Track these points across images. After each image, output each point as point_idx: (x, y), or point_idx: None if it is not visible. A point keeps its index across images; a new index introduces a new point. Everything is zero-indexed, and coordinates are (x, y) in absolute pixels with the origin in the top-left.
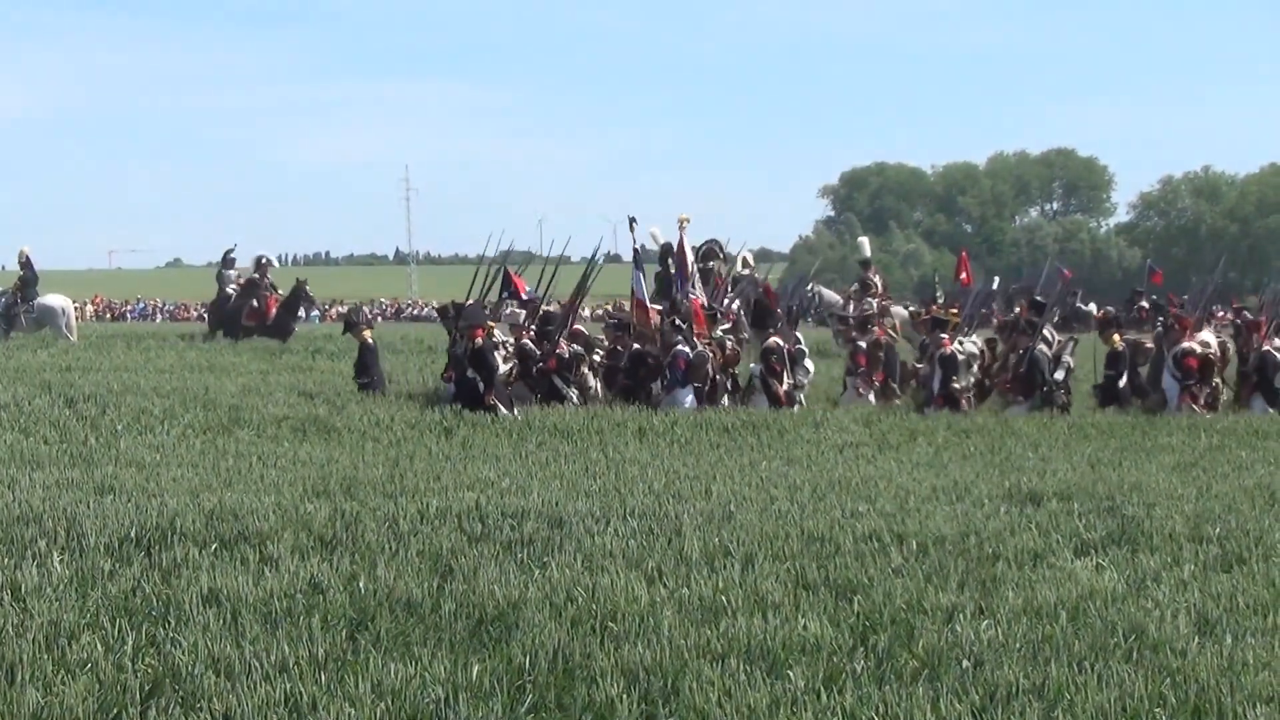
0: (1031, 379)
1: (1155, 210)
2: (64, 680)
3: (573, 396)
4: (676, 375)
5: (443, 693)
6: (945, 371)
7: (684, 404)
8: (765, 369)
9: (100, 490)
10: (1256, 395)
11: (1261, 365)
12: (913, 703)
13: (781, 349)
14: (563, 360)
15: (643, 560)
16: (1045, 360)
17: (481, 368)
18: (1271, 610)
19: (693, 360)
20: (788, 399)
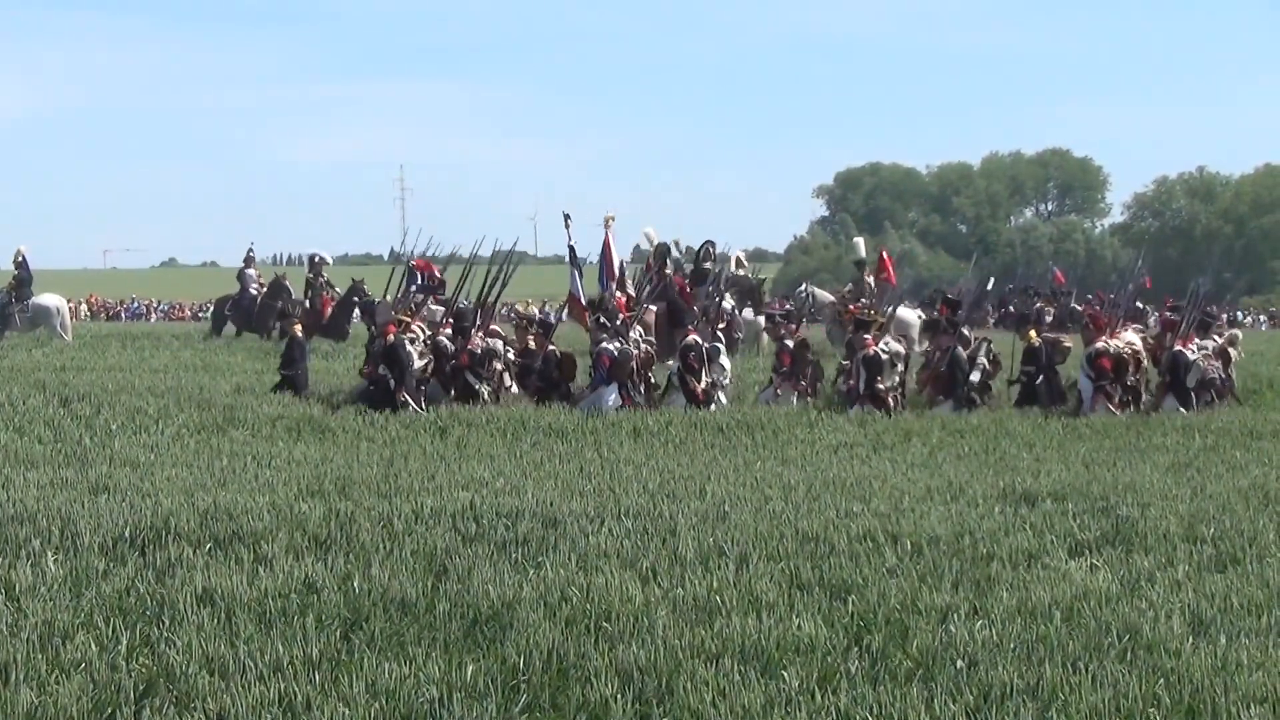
0: (953, 378)
1: (1150, 211)
2: (58, 680)
3: (485, 393)
4: (601, 373)
5: (437, 692)
6: (869, 372)
7: (607, 402)
8: (683, 366)
9: (95, 490)
10: (1168, 394)
11: (1173, 365)
12: (907, 703)
13: (700, 346)
14: (475, 356)
15: (637, 560)
16: (964, 360)
17: (393, 364)
18: (1265, 610)
19: (617, 358)
20: (705, 397)
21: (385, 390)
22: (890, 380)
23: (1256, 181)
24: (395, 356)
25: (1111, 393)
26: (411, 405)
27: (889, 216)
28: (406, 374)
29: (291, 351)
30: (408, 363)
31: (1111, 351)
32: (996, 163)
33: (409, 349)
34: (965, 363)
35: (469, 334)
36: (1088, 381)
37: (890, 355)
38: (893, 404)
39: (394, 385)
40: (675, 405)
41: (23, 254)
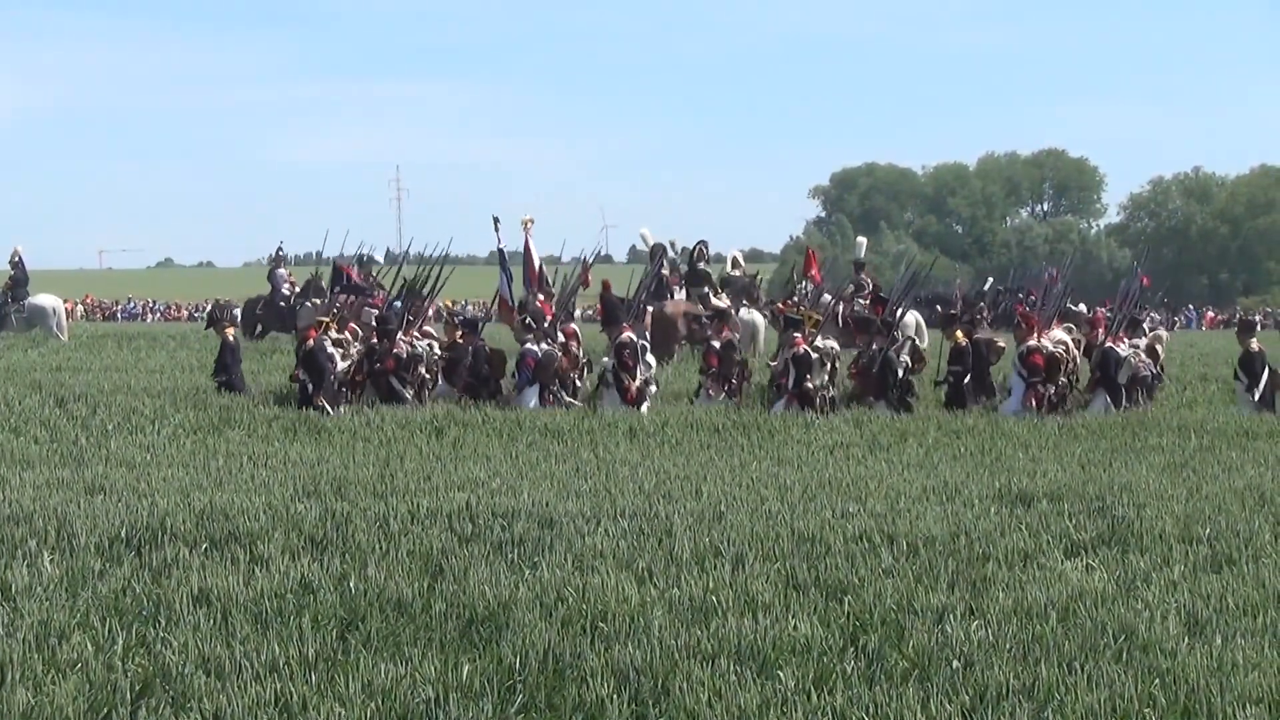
0: (884, 379)
1: (1145, 211)
2: (54, 680)
3: (408, 396)
4: (525, 374)
5: (433, 693)
6: (799, 370)
7: (529, 403)
8: (618, 364)
9: (91, 490)
10: (1099, 392)
11: (1103, 362)
12: (903, 703)
13: (634, 344)
14: (400, 360)
15: (633, 560)
16: (897, 362)
17: (312, 369)
18: (1261, 611)
19: (541, 360)
20: (638, 395)
21: (304, 393)
22: (819, 379)
23: (1252, 182)
24: (313, 360)
25: (1043, 392)
26: (327, 409)
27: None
28: (325, 377)
29: (224, 356)
30: (326, 366)
31: (1044, 350)
32: (992, 163)
33: (330, 352)
34: (897, 364)
35: (394, 337)
36: (1019, 380)
37: (820, 354)
38: (820, 403)
39: (311, 389)
40: (607, 404)
41: (19, 254)
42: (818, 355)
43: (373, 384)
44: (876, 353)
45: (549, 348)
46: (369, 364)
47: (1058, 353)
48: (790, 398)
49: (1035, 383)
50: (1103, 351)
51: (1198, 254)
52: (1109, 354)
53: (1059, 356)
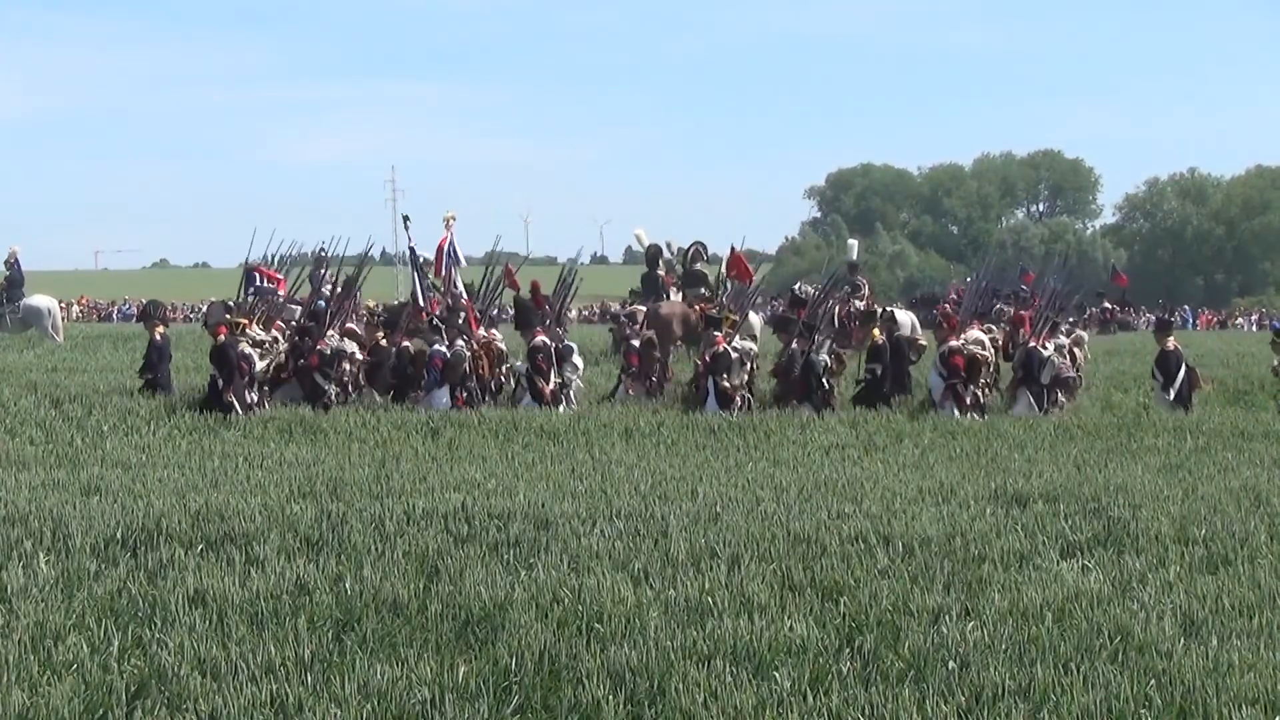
0: (807, 381)
1: (1141, 212)
2: (50, 681)
3: (331, 394)
4: (434, 375)
5: (429, 694)
6: (716, 368)
7: (440, 403)
8: (531, 367)
9: (86, 491)
10: (1022, 391)
11: (1026, 362)
12: (899, 704)
13: (548, 347)
14: (324, 358)
15: (629, 561)
16: (819, 363)
17: (222, 366)
18: (1257, 612)
19: (449, 360)
20: (553, 397)
21: (214, 390)
22: (738, 378)
23: (1247, 183)
24: (224, 358)
25: (962, 392)
26: (238, 407)
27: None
28: (235, 375)
29: (150, 355)
30: (236, 364)
31: (965, 351)
32: (988, 164)
33: (246, 350)
34: (820, 365)
35: (319, 335)
36: (939, 379)
37: (740, 354)
38: (740, 403)
39: (221, 386)
40: (526, 406)
41: (14, 255)
42: (737, 355)
43: (298, 380)
44: (798, 354)
45: (458, 348)
46: (293, 361)
47: (979, 354)
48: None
49: (954, 383)
50: (1026, 351)
51: (1193, 255)
52: (1032, 354)
53: (980, 357)
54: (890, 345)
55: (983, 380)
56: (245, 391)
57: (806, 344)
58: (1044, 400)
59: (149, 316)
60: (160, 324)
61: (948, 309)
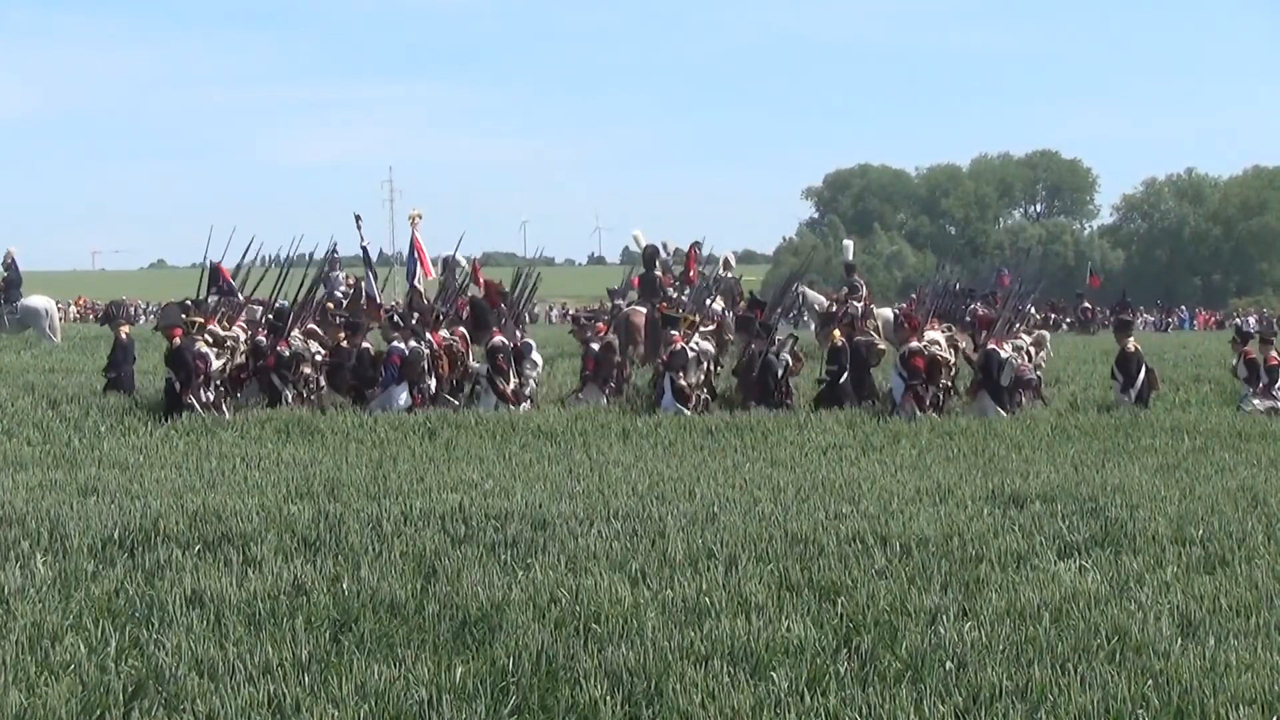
0: (764, 381)
1: (1138, 212)
2: (47, 682)
3: (288, 395)
4: (391, 372)
5: (426, 694)
6: (671, 366)
7: (398, 402)
8: (491, 367)
9: (83, 491)
10: (982, 394)
11: (985, 364)
12: (896, 704)
13: (507, 347)
14: (282, 359)
15: (626, 562)
16: (776, 362)
17: (178, 367)
18: (1254, 612)
19: (407, 358)
20: (515, 397)
21: (171, 392)
22: (694, 377)
23: (1245, 184)
24: (180, 359)
25: (923, 394)
26: (197, 408)
27: (878, 218)
28: (193, 376)
29: (115, 353)
30: (193, 365)
31: (926, 352)
32: (985, 164)
33: (202, 350)
34: (777, 365)
35: (280, 335)
36: (900, 381)
37: (697, 353)
38: (696, 401)
39: (179, 388)
40: (486, 407)
41: (12, 255)
42: (694, 354)
43: (257, 381)
44: (755, 355)
45: (416, 345)
46: (253, 362)
47: (939, 355)
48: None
49: (915, 385)
50: (985, 354)
51: (1190, 255)
52: (991, 356)
53: (940, 359)
54: (851, 347)
55: (943, 381)
56: (202, 391)
57: (764, 344)
58: (1005, 401)
59: (113, 317)
60: (125, 324)
61: (909, 309)
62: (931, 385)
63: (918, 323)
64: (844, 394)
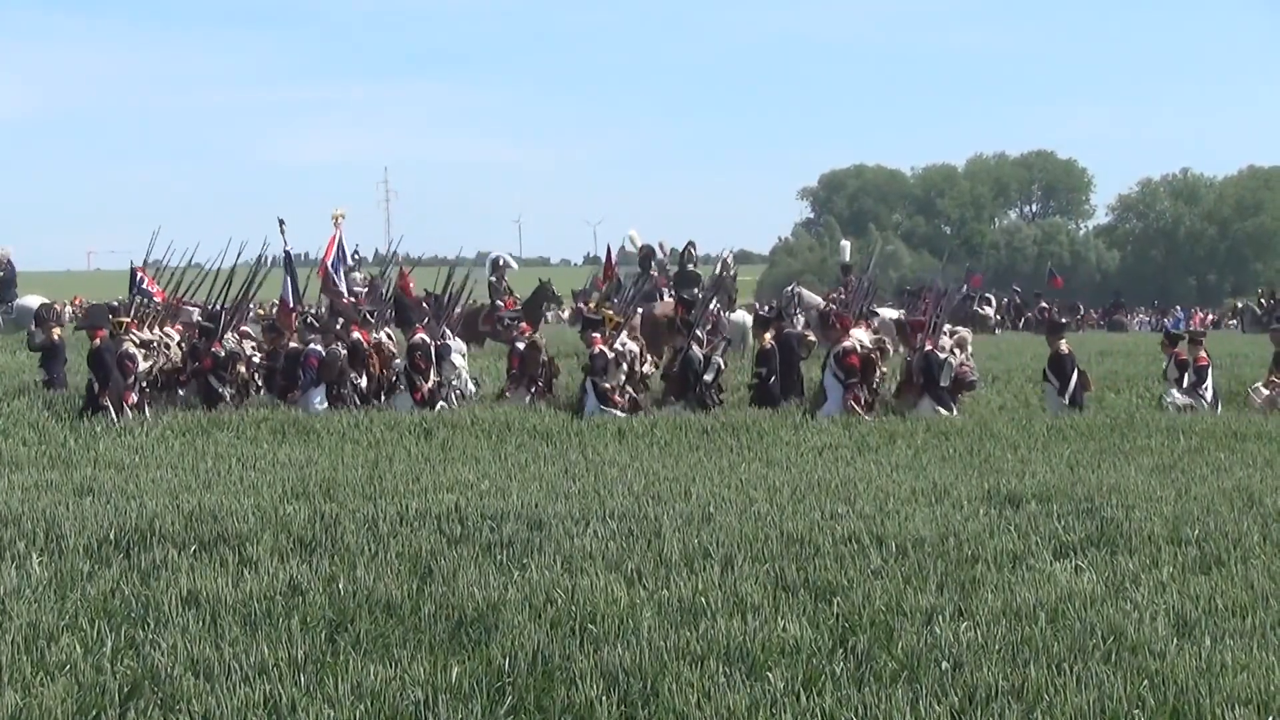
0: (684, 379)
1: (1134, 212)
2: (43, 682)
3: (227, 396)
4: (309, 375)
5: (422, 694)
6: (593, 369)
7: (315, 403)
8: (409, 365)
9: (79, 492)
10: (924, 396)
11: (926, 366)
12: (892, 704)
13: (427, 345)
14: (218, 360)
15: (622, 562)
16: (698, 361)
17: (98, 368)
18: (1250, 612)
19: (325, 359)
20: (430, 396)
21: (90, 394)
22: (615, 379)
23: (1240, 184)
24: (100, 361)
25: (859, 393)
26: (112, 411)
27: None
28: (111, 377)
29: (46, 356)
30: (112, 366)
31: (859, 351)
32: (981, 164)
33: (130, 350)
34: (699, 363)
35: (215, 337)
36: (835, 380)
37: (617, 354)
38: (620, 401)
39: (97, 389)
40: (399, 405)
41: (7, 256)
42: (614, 355)
43: (194, 383)
44: (677, 352)
45: (333, 347)
46: (190, 364)
47: (872, 354)
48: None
49: (851, 384)
50: (924, 356)
51: (1186, 255)
52: (930, 357)
53: (873, 358)
54: (780, 347)
55: (877, 380)
56: (130, 392)
57: (685, 342)
58: (946, 402)
59: (43, 320)
60: (56, 325)
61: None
62: (865, 385)
63: (849, 322)
64: (774, 395)
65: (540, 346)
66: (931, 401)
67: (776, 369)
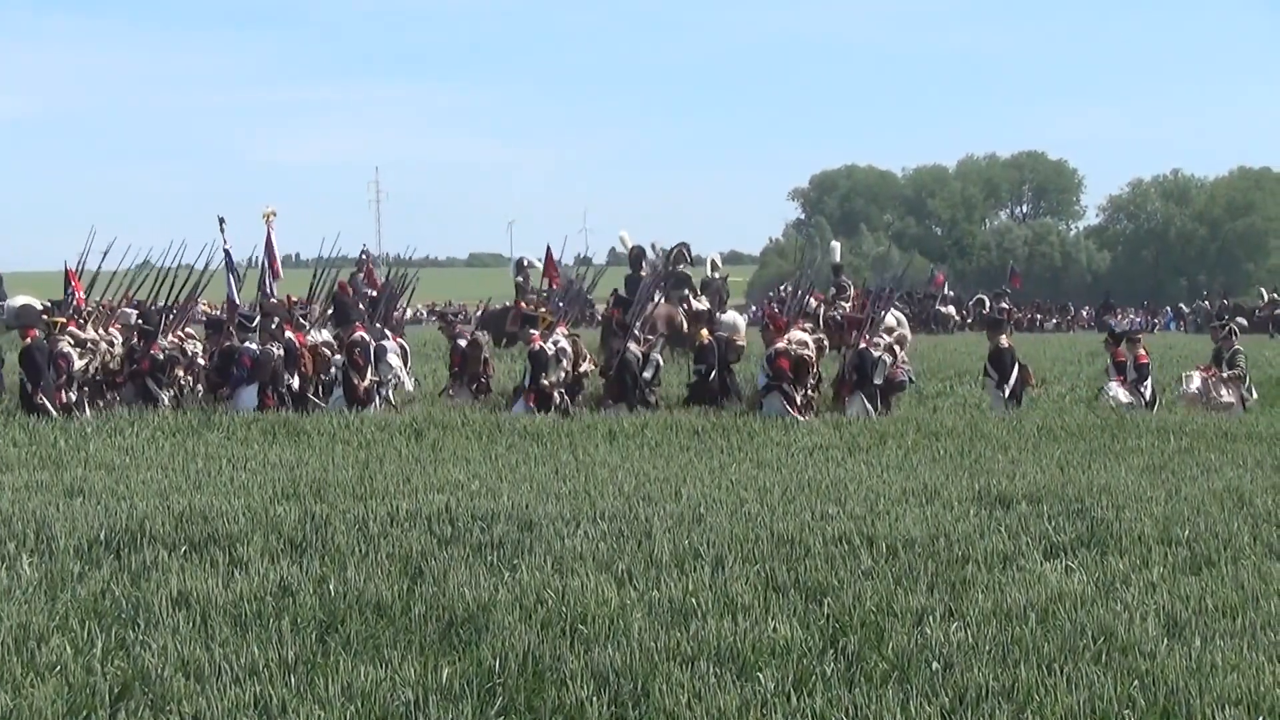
0: (622, 380)
1: (1124, 213)
2: (33, 683)
3: (164, 399)
4: (241, 373)
5: (413, 695)
6: (534, 367)
7: (246, 402)
8: (348, 362)
9: (70, 493)
10: (856, 394)
11: (860, 364)
12: (882, 705)
13: (366, 343)
14: (156, 362)
15: (613, 563)
16: (636, 361)
17: (29, 368)
18: (1240, 612)
19: (258, 359)
20: (366, 395)
21: (24, 393)
22: (555, 376)
23: (1231, 184)
24: (30, 360)
25: (791, 394)
26: (49, 408)
27: (864, 219)
28: (43, 377)
29: None
30: (44, 366)
31: (792, 353)
32: (971, 165)
33: (65, 349)
34: (637, 363)
35: (153, 339)
36: (766, 381)
37: (557, 352)
38: (558, 399)
39: (30, 389)
40: (334, 405)
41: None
42: (553, 353)
43: (131, 384)
44: (614, 353)
45: (268, 347)
46: (129, 365)
47: (804, 354)
48: (527, 395)
49: (779, 385)
50: (859, 354)
51: (1176, 256)
52: (864, 356)
53: (805, 358)
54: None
55: (812, 380)
56: (64, 391)
57: (622, 342)
58: (879, 401)
59: None
60: None
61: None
62: (800, 386)
63: (783, 324)
64: (713, 391)
65: (482, 345)
66: (864, 399)
67: (715, 365)
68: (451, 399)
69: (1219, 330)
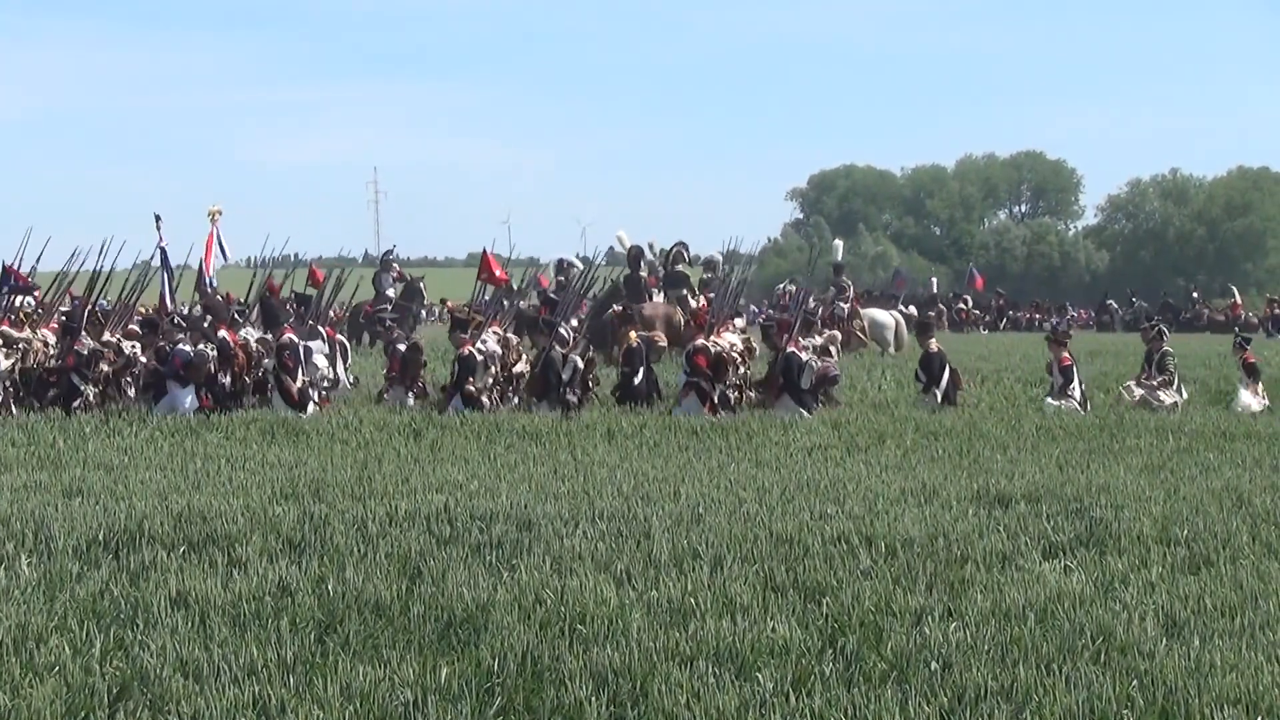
0: (546, 380)
1: (1123, 213)
2: (31, 683)
3: (90, 395)
4: (170, 372)
5: (411, 695)
6: (462, 371)
7: (184, 404)
8: (278, 365)
9: (68, 493)
10: (784, 396)
11: (786, 368)
12: (881, 705)
13: (295, 345)
14: (81, 358)
15: (611, 562)
16: (559, 362)
17: None
18: (1239, 612)
19: (192, 360)
20: (300, 396)
21: None
22: (483, 380)
23: (1229, 184)
24: None
25: (708, 390)
26: None
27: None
28: None
29: None
30: None
31: (712, 351)
32: (970, 165)
33: None
34: (560, 363)
35: (77, 334)
36: (683, 377)
37: (486, 356)
38: (487, 403)
39: None
40: (274, 408)
41: None
42: (482, 357)
43: (55, 381)
44: (540, 354)
45: (201, 348)
46: (56, 363)
47: (726, 353)
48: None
49: (697, 382)
50: (785, 357)
51: (1175, 256)
52: (791, 359)
53: (726, 357)
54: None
55: (733, 380)
56: None
57: (547, 341)
58: (808, 403)
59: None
60: None
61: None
62: (718, 384)
63: (704, 320)
64: (639, 392)
65: (421, 349)
66: (792, 402)
67: (640, 367)
68: (387, 401)
69: (1149, 331)
